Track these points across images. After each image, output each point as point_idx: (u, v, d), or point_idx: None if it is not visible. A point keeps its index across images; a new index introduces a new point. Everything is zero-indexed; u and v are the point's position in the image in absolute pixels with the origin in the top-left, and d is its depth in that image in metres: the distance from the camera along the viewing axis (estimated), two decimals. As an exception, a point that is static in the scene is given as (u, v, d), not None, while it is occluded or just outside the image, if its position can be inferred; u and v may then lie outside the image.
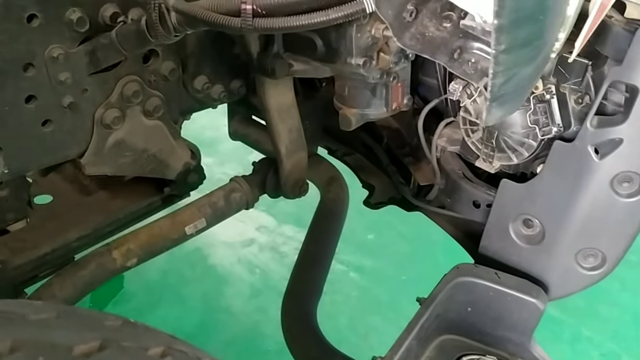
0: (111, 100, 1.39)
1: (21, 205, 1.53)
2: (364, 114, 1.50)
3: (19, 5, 1.15)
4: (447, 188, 1.57)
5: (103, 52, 1.30)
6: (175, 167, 1.63)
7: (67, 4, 1.22)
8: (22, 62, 1.20)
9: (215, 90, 1.63)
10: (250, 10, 1.03)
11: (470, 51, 0.91)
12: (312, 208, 1.88)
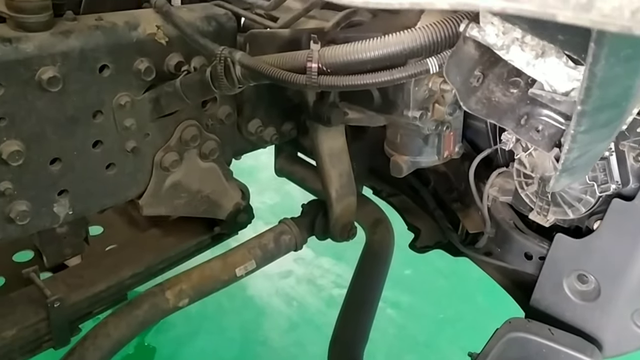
0: (170, 144, 1.44)
1: (78, 241, 1.58)
2: (416, 161, 1.51)
3: (93, 57, 1.20)
4: (497, 237, 1.56)
5: (166, 100, 1.34)
6: (226, 208, 1.66)
7: (135, 55, 1.28)
8: (92, 109, 1.25)
9: (268, 133, 1.66)
10: (316, 68, 1.06)
11: (538, 118, 0.91)
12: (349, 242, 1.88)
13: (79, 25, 1.20)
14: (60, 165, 1.24)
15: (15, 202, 1.20)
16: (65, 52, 1.15)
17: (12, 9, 1.11)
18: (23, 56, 1.10)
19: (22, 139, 1.16)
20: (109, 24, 1.24)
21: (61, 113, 1.20)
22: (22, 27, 1.12)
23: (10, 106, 1.11)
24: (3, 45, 1.08)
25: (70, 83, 1.18)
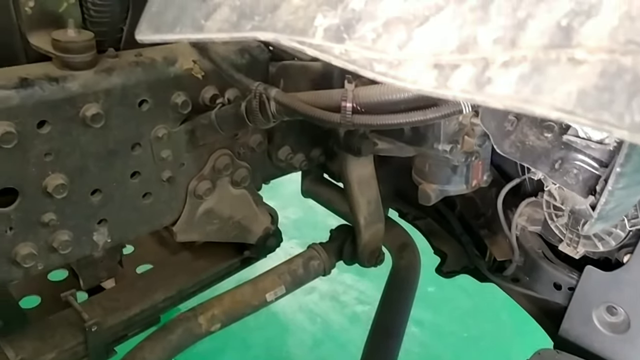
0: (204, 173, 1.47)
1: (113, 264, 1.62)
2: (444, 190, 1.53)
3: (133, 93, 1.24)
4: (526, 266, 1.57)
5: (202, 131, 1.38)
6: (256, 232, 1.70)
7: (173, 89, 1.32)
8: (131, 142, 1.29)
9: (297, 159, 1.70)
10: (350, 107, 1.09)
11: (572, 163, 0.93)
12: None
13: (120, 62, 1.24)
14: (101, 196, 1.29)
15: (58, 232, 1.24)
16: (108, 89, 1.20)
17: (58, 49, 1.16)
18: (69, 94, 1.14)
19: (66, 172, 1.20)
20: (149, 60, 1.28)
21: (102, 147, 1.24)
22: (68, 66, 1.17)
23: (56, 142, 1.16)
24: (50, 84, 1.13)
25: (111, 118, 1.22)
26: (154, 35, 0.72)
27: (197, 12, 0.66)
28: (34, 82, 1.11)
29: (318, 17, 0.56)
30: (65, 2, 1.21)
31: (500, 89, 0.41)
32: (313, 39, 0.55)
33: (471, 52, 0.44)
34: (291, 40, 0.57)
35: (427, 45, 0.48)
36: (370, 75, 0.51)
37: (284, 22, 0.58)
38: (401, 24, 0.50)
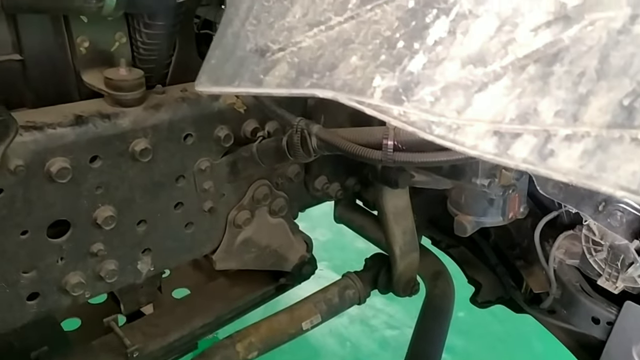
0: (243, 203, 1.51)
1: (153, 290, 1.66)
2: (480, 221, 1.54)
3: (179, 127, 1.29)
4: (563, 299, 1.56)
5: (243, 164, 1.42)
6: (292, 260, 1.72)
7: (216, 123, 1.36)
8: (176, 174, 1.33)
9: (333, 189, 1.72)
10: (392, 145, 1.11)
11: (616, 205, 0.94)
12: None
13: (167, 98, 1.29)
14: (146, 226, 1.33)
15: (105, 261, 1.29)
16: (155, 125, 1.24)
17: (111, 87, 1.21)
18: (120, 131, 1.19)
19: (115, 204, 1.24)
20: (194, 95, 1.33)
21: (149, 179, 1.29)
22: (119, 103, 1.22)
23: (106, 176, 1.21)
24: (103, 121, 1.18)
25: (158, 152, 1.26)
26: (213, 88, 0.75)
27: (255, 67, 0.70)
28: (88, 119, 1.16)
29: (376, 78, 0.58)
30: (117, 41, 1.27)
31: (563, 162, 0.42)
32: (372, 100, 0.57)
33: (532, 122, 0.46)
34: (350, 99, 0.59)
35: (486, 112, 0.50)
36: (429, 137, 0.53)
37: (342, 81, 0.61)
38: (459, 89, 0.52)
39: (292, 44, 0.66)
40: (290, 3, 0.69)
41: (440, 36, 0.56)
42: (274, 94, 0.67)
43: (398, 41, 0.58)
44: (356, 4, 0.63)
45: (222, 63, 0.74)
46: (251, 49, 0.71)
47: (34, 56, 1.22)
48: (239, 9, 0.75)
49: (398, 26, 0.59)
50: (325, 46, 0.64)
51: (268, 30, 0.70)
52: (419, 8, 0.58)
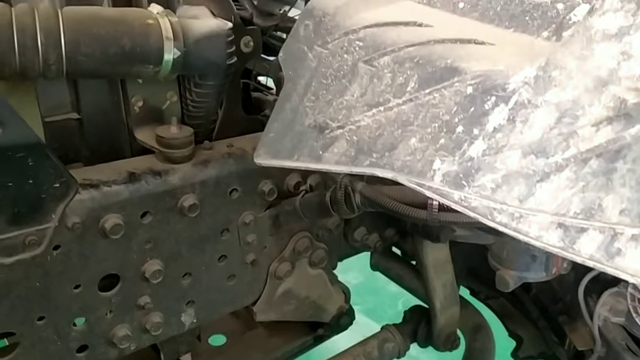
0: (285, 255, 1.53)
1: (193, 339, 1.67)
2: (522, 276, 1.52)
3: (225, 182, 1.32)
4: (608, 357, 1.52)
5: (286, 217, 1.44)
6: (330, 311, 1.72)
7: (261, 178, 1.39)
8: (221, 228, 1.36)
9: (372, 239, 1.73)
10: (437, 205, 1.12)
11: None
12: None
13: (214, 154, 1.33)
14: (190, 279, 1.35)
15: (151, 314, 1.31)
16: (203, 181, 1.28)
17: (162, 145, 1.26)
18: (170, 187, 1.23)
19: (162, 258, 1.28)
20: (239, 150, 1.37)
21: (195, 233, 1.32)
22: (170, 160, 1.26)
23: (155, 231, 1.24)
24: (154, 178, 1.22)
25: (205, 207, 1.30)
26: (272, 160, 0.78)
27: (314, 142, 0.72)
28: (141, 176, 1.21)
29: (436, 162, 0.60)
30: (168, 100, 1.32)
31: (631, 262, 0.43)
32: (432, 182, 0.59)
33: (597, 218, 0.47)
34: (410, 180, 0.61)
35: (549, 202, 0.51)
36: (491, 224, 0.54)
37: (402, 162, 0.63)
38: (521, 177, 0.54)
39: (351, 122, 0.69)
40: (348, 82, 0.72)
41: (499, 123, 0.58)
42: (333, 170, 0.70)
43: (457, 126, 0.60)
44: (414, 88, 0.65)
45: (281, 137, 0.77)
46: (310, 124, 0.74)
47: (90, 115, 1.27)
48: (297, 84, 0.78)
49: (457, 111, 0.61)
50: (384, 126, 0.66)
51: (326, 107, 0.73)
52: (478, 94, 0.60)
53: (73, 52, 1.04)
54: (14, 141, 0.91)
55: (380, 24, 0.74)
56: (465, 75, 0.62)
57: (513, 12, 0.70)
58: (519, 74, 0.59)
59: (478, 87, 0.61)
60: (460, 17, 0.75)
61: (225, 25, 1.23)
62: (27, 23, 1.00)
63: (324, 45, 0.77)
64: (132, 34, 1.09)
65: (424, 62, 0.66)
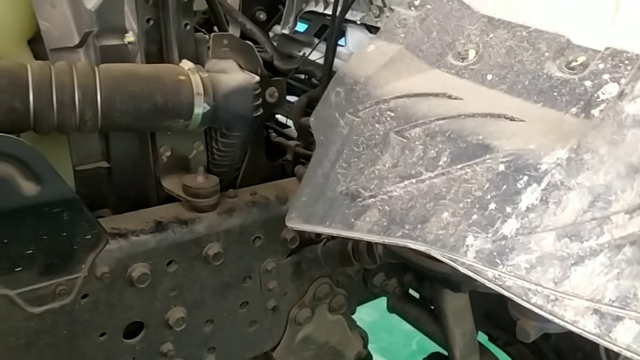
0: (305, 301, 1.53)
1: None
2: (544, 327, 1.51)
3: (249, 231, 1.34)
4: (632, 412, 1.50)
5: (307, 264, 1.46)
6: (349, 357, 1.72)
7: (283, 225, 1.39)
8: (243, 275, 1.38)
9: (391, 285, 1.73)
10: (460, 260, 1.13)
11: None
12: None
13: (238, 202, 1.35)
14: (212, 326, 1.37)
15: (172, 360, 1.32)
16: (228, 230, 1.30)
17: (188, 194, 1.28)
18: (195, 236, 1.25)
19: (186, 305, 1.29)
20: (263, 199, 1.39)
21: (218, 280, 1.33)
22: (195, 209, 1.28)
23: (180, 279, 1.26)
24: (180, 227, 1.24)
25: (228, 255, 1.32)
26: (304, 225, 0.80)
27: (346, 210, 0.74)
28: (167, 225, 1.23)
29: (469, 237, 0.62)
30: (195, 149, 1.35)
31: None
32: (465, 258, 0.61)
33: (632, 307, 0.48)
34: (443, 255, 0.62)
35: (584, 287, 0.52)
36: (527, 305, 0.55)
37: (434, 235, 0.64)
38: (555, 259, 0.55)
39: (383, 192, 0.71)
40: (380, 152, 0.74)
41: (532, 203, 0.59)
42: (365, 239, 0.71)
43: (490, 203, 0.62)
44: (446, 162, 0.67)
45: (312, 201, 0.79)
46: (342, 191, 0.76)
47: (120, 163, 1.31)
48: (329, 150, 0.81)
49: (489, 188, 0.63)
50: (416, 198, 0.68)
51: (358, 175, 0.75)
52: (510, 173, 0.62)
53: (108, 109, 1.07)
54: (52, 197, 0.94)
55: (411, 95, 0.77)
56: (497, 153, 0.64)
57: (541, 87, 0.73)
58: (551, 154, 0.61)
59: (510, 165, 0.63)
60: (489, 89, 0.77)
61: (253, 79, 1.27)
62: (66, 81, 1.03)
63: (355, 113, 0.79)
64: (165, 91, 1.12)
65: (456, 136, 0.68)
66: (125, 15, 1.20)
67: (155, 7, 1.19)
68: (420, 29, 0.85)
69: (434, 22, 0.85)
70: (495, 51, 0.79)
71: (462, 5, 0.85)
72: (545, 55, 0.75)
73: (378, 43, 0.87)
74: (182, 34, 1.24)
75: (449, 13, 0.85)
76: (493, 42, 0.80)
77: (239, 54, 1.33)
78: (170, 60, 1.24)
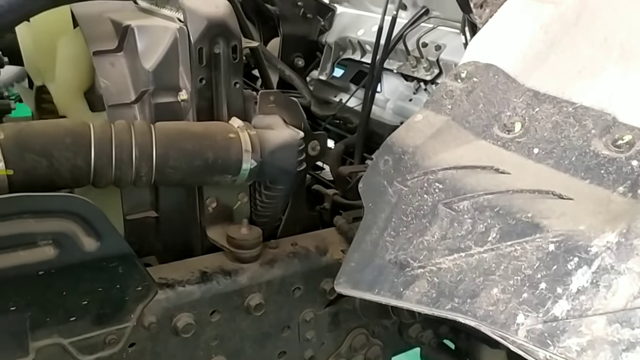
0: (341, 351, 1.54)
1: None
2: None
3: (290, 282, 1.37)
4: None
5: (344, 315, 1.48)
6: (382, 407, 1.71)
7: (323, 277, 1.43)
8: (282, 325, 1.40)
9: (427, 336, 1.73)
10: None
11: None
12: None
13: (279, 253, 1.39)
14: (250, 375, 1.39)
15: (209, 409, 1.34)
16: (269, 281, 1.33)
17: (232, 245, 1.32)
18: (238, 287, 1.29)
19: (227, 354, 1.32)
20: (303, 250, 1.42)
21: (258, 330, 1.36)
22: (239, 260, 1.32)
23: (222, 328, 1.29)
24: (224, 278, 1.28)
25: (269, 305, 1.34)
26: (352, 291, 0.83)
27: (395, 278, 0.77)
28: (212, 276, 1.27)
29: (520, 316, 0.63)
30: (239, 200, 1.40)
31: None
32: (516, 337, 0.62)
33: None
34: (493, 331, 0.64)
35: (637, 375, 0.53)
36: (579, 388, 0.56)
37: (484, 311, 0.66)
38: (606, 344, 0.56)
39: (432, 263, 0.73)
40: (428, 222, 0.77)
41: (583, 285, 0.61)
42: (414, 309, 0.73)
43: (540, 282, 0.64)
44: (496, 238, 0.69)
45: (361, 267, 0.82)
46: (390, 260, 0.78)
47: (167, 213, 1.36)
48: (377, 217, 0.83)
49: (539, 267, 0.65)
50: (465, 272, 0.70)
51: (407, 244, 0.78)
52: (560, 253, 0.64)
53: (162, 165, 1.13)
54: (110, 253, 0.98)
55: (459, 167, 0.80)
56: (547, 232, 0.66)
57: (588, 164, 0.75)
58: (601, 237, 0.62)
59: (560, 245, 0.64)
60: (536, 163, 0.79)
61: (298, 135, 1.31)
62: (125, 140, 1.09)
63: (403, 183, 0.82)
64: (216, 148, 1.18)
65: (505, 212, 0.71)
66: (180, 75, 1.27)
67: (208, 67, 1.25)
68: (467, 100, 0.88)
69: (480, 94, 0.88)
70: (541, 125, 0.82)
71: (507, 79, 0.88)
72: (591, 132, 0.77)
73: (425, 113, 0.90)
74: (232, 92, 1.30)
75: (495, 86, 0.88)
76: (539, 116, 0.83)
77: (284, 109, 1.38)
78: (220, 117, 1.30)
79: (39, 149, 1.02)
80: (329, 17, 2.50)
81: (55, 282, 0.96)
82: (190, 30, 1.22)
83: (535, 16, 0.91)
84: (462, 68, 0.92)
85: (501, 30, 0.94)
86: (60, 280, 0.96)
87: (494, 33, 0.94)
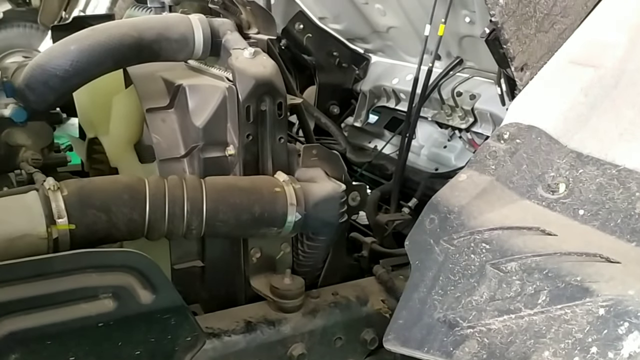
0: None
1: None
2: None
3: (331, 332, 1.39)
4: None
5: (385, 366, 1.48)
6: None
7: (363, 327, 1.45)
8: (323, 374, 1.41)
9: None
10: None
11: None
12: None
13: (321, 302, 1.41)
14: None
15: None
16: (312, 331, 1.35)
17: (276, 295, 1.35)
18: (282, 337, 1.31)
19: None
20: (344, 299, 1.44)
21: (300, 380, 1.37)
22: (282, 309, 1.35)
23: (266, 378, 1.31)
24: (268, 328, 1.30)
25: (311, 355, 1.36)
26: (402, 348, 0.85)
27: (444, 337, 0.78)
28: (256, 326, 1.30)
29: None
30: (282, 251, 1.43)
31: None
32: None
33: None
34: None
35: None
36: None
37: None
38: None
39: (482, 324, 0.75)
40: (476, 282, 0.79)
41: (634, 350, 0.62)
42: (465, 370, 0.75)
43: (591, 346, 0.65)
44: (546, 301, 0.71)
45: (410, 325, 0.84)
46: (439, 318, 0.80)
47: (213, 263, 1.40)
48: (425, 276, 0.86)
49: (590, 331, 0.66)
50: (516, 334, 0.72)
51: (455, 303, 0.80)
52: (610, 317, 0.66)
53: (212, 219, 1.18)
54: (164, 305, 1.03)
55: (505, 228, 0.82)
56: (596, 297, 0.67)
57: (634, 227, 0.76)
58: (651, 302, 0.64)
59: (610, 310, 0.66)
60: (581, 224, 0.81)
61: (340, 187, 1.35)
62: (177, 195, 1.15)
63: (450, 242, 0.85)
64: (262, 202, 1.22)
65: (554, 275, 0.72)
66: (228, 131, 1.33)
67: (254, 124, 1.31)
68: (511, 161, 0.91)
69: (523, 155, 0.91)
70: (585, 187, 0.84)
71: (550, 140, 0.91)
72: (635, 195, 0.79)
73: (469, 173, 0.93)
74: (277, 146, 1.35)
75: (538, 147, 0.91)
76: (583, 177, 0.85)
77: (325, 162, 1.43)
78: (265, 171, 1.35)
79: (99, 205, 1.08)
80: (363, 66, 2.56)
81: (113, 333, 1.00)
82: (239, 89, 1.28)
83: (575, 79, 0.94)
84: (505, 129, 0.95)
85: (542, 92, 0.97)
86: (117, 332, 1.01)
87: (535, 95, 0.97)
